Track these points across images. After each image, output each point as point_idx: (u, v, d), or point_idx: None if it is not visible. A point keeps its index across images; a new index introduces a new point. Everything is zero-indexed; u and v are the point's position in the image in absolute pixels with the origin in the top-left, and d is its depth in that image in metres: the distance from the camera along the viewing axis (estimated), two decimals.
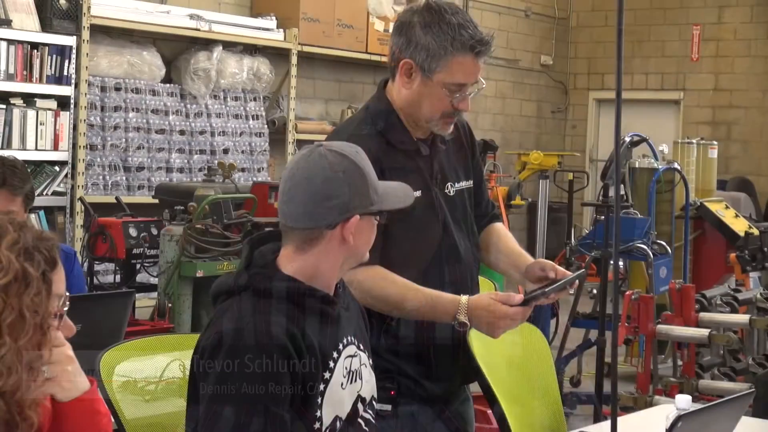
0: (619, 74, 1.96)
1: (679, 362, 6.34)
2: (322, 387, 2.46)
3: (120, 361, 2.75)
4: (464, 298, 2.98)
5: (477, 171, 3.36)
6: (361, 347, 2.63)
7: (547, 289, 3.01)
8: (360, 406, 2.58)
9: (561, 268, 3.12)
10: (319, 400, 2.46)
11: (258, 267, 2.52)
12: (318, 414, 2.46)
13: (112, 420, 2.40)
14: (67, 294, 2.16)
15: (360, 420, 2.59)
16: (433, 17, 3.02)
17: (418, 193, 3.01)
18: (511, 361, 3.58)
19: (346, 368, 2.54)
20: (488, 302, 2.95)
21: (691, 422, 2.26)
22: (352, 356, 2.57)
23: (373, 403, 2.65)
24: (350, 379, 2.55)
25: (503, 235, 3.40)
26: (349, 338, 2.58)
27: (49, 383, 2.13)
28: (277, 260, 2.54)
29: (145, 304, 6.97)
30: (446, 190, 3.19)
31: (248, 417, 2.33)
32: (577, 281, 3.09)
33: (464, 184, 3.27)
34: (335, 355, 2.51)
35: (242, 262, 2.55)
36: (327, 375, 2.48)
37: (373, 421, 2.66)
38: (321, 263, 2.51)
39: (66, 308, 2.15)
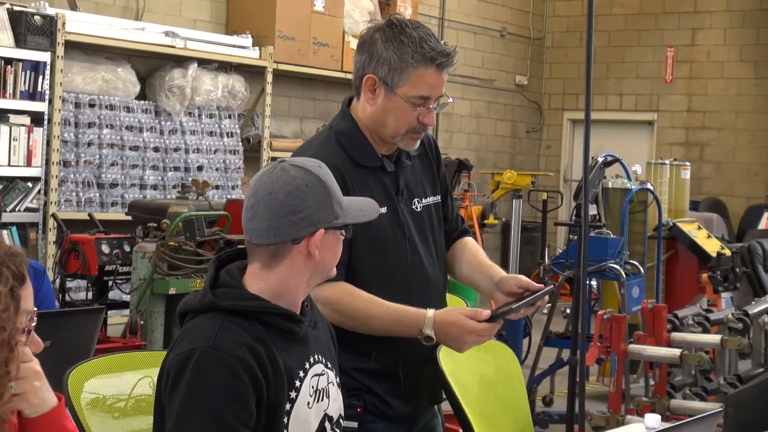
0: (588, 97, 1.97)
1: (651, 382, 6.36)
2: (288, 406, 2.45)
3: (89, 377, 2.72)
4: (430, 312, 2.98)
5: (443, 184, 3.36)
6: (329, 365, 2.62)
7: (514, 306, 3.00)
8: (327, 425, 2.57)
9: (535, 284, 3.12)
10: (285, 419, 2.45)
11: (223, 286, 2.50)
12: None
13: None
14: (35, 310, 2.15)
15: None
16: (394, 32, 3.04)
17: (383, 210, 3.02)
18: (482, 379, 3.58)
19: (312, 387, 2.53)
20: (456, 317, 2.95)
21: None
22: (319, 375, 2.56)
23: (341, 421, 2.65)
24: (317, 398, 2.54)
25: (473, 248, 3.39)
26: (316, 356, 2.57)
27: (16, 399, 2.12)
28: (243, 278, 2.52)
29: (117, 321, 6.93)
30: (413, 206, 3.19)
31: None
32: (547, 297, 3.07)
33: (432, 199, 3.27)
34: (301, 374, 2.50)
35: (207, 281, 2.53)
36: (293, 394, 2.47)
37: None
38: (287, 280, 2.50)
39: (34, 324, 2.14)
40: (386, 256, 3.09)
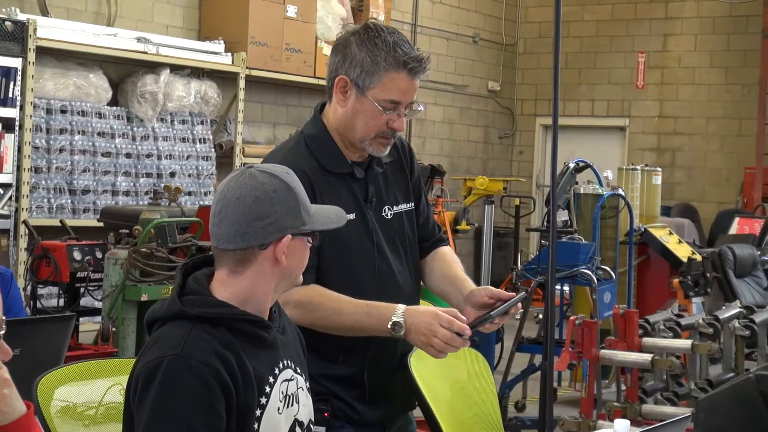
0: (555, 103, 1.99)
1: (623, 387, 6.37)
2: (258, 412, 2.45)
3: (59, 385, 2.71)
4: (402, 305, 2.98)
5: (416, 190, 3.34)
6: (298, 370, 2.62)
7: (492, 312, 2.99)
8: (298, 430, 2.58)
9: (506, 293, 3.10)
10: (256, 425, 2.45)
11: (191, 293, 2.50)
12: None
13: None
14: (4, 318, 2.14)
15: None
16: (369, 35, 3.05)
17: (351, 216, 3.03)
18: (454, 385, 3.59)
19: (282, 392, 2.53)
20: (433, 309, 2.92)
21: None
22: (288, 380, 2.56)
23: (311, 427, 2.65)
24: (287, 404, 2.54)
25: (447, 258, 3.36)
26: (285, 362, 2.57)
27: None
28: (211, 285, 2.52)
29: (89, 328, 6.91)
30: (383, 214, 3.19)
31: None
32: (519, 304, 3.06)
33: (404, 206, 3.26)
34: (271, 379, 2.50)
35: (175, 289, 2.53)
36: (263, 400, 2.47)
37: None
38: (255, 286, 2.50)
39: (2, 332, 2.13)
40: (354, 263, 3.09)
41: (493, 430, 3.71)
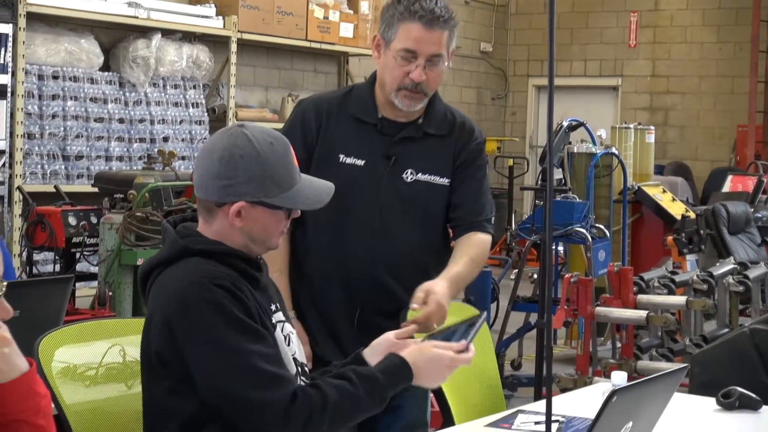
0: (551, 62, 1.99)
1: (618, 344, 6.41)
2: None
3: (59, 346, 2.74)
4: None
5: (460, 176, 3.33)
6: (284, 318, 2.67)
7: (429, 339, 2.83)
8: (299, 368, 2.61)
9: (430, 306, 3.01)
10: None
11: (186, 236, 2.57)
12: None
13: (52, 405, 2.39)
14: (5, 283, 2.14)
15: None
16: None
17: (361, 162, 3.21)
18: None
19: (280, 330, 2.58)
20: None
21: (626, 396, 2.30)
22: (282, 322, 2.62)
23: (306, 370, 2.68)
24: (285, 342, 2.60)
25: (464, 245, 3.31)
26: (276, 305, 2.64)
27: None
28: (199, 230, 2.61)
29: (85, 293, 6.92)
30: (404, 175, 3.27)
31: (254, 340, 2.43)
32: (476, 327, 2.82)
33: (434, 178, 3.30)
34: (270, 312, 2.57)
35: (171, 235, 2.58)
36: (272, 330, 2.54)
37: None
38: (222, 239, 2.56)
39: (3, 291, 2.13)
40: (350, 205, 3.19)
41: (491, 388, 3.75)
